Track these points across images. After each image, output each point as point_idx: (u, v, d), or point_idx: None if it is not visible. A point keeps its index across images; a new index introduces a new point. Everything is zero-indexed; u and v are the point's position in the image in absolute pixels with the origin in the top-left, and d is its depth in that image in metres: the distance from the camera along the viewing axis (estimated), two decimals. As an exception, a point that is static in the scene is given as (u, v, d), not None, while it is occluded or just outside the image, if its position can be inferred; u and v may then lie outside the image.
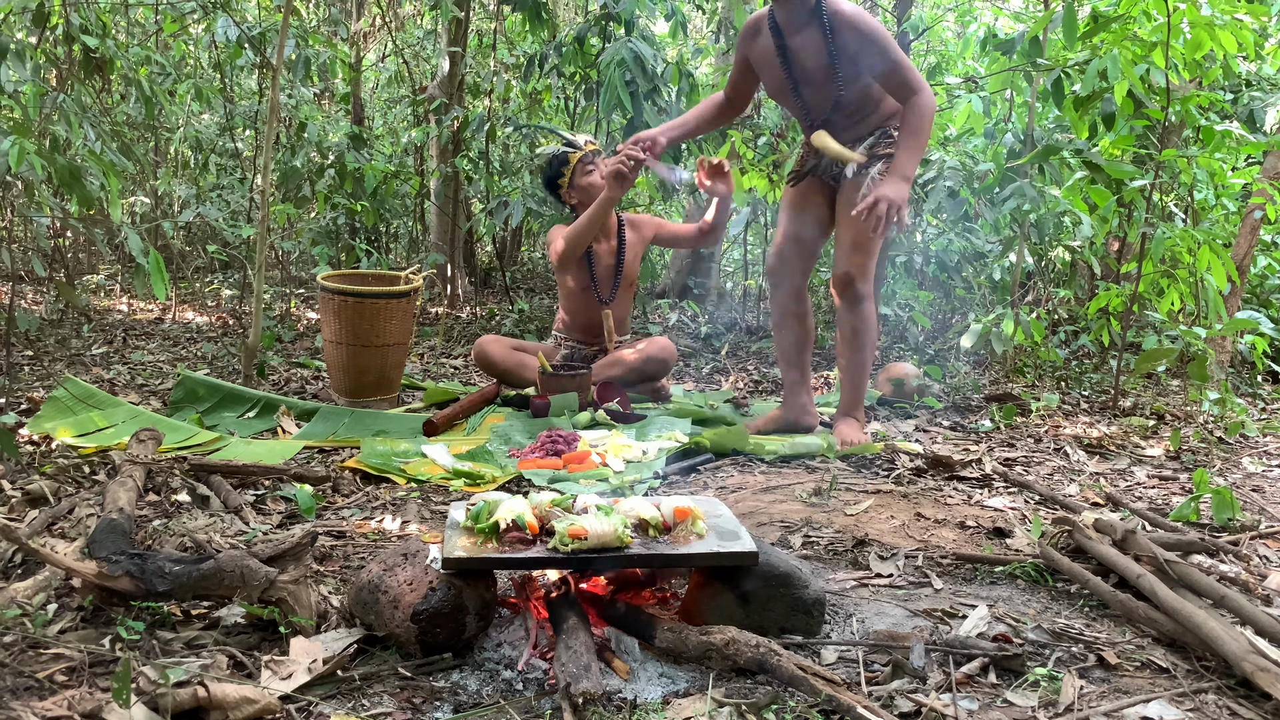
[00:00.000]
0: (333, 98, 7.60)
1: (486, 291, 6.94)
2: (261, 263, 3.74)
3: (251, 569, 1.62)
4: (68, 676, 1.44)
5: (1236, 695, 1.51)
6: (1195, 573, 1.86)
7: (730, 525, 1.78)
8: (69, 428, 2.92)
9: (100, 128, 4.14)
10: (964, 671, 1.55)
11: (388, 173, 5.76)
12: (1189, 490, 2.80)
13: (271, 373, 4.13)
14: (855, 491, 2.65)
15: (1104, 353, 5.03)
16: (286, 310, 5.71)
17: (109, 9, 5.34)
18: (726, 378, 4.65)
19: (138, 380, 3.86)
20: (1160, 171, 4.18)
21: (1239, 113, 5.05)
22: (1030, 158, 3.87)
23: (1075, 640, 1.70)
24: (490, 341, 3.91)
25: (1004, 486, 2.77)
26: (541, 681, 1.52)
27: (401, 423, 3.28)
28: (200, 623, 1.66)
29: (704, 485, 2.75)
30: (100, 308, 5.57)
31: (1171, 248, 4.04)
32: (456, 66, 5.92)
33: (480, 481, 2.68)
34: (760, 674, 1.52)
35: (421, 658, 1.56)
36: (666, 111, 4.98)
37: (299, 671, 1.46)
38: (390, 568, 1.64)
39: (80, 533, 2.02)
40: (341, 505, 2.45)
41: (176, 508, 2.28)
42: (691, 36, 8.42)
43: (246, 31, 4.77)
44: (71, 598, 1.68)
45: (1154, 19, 3.83)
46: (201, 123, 6.78)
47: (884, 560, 2.11)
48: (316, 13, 7.46)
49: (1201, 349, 3.56)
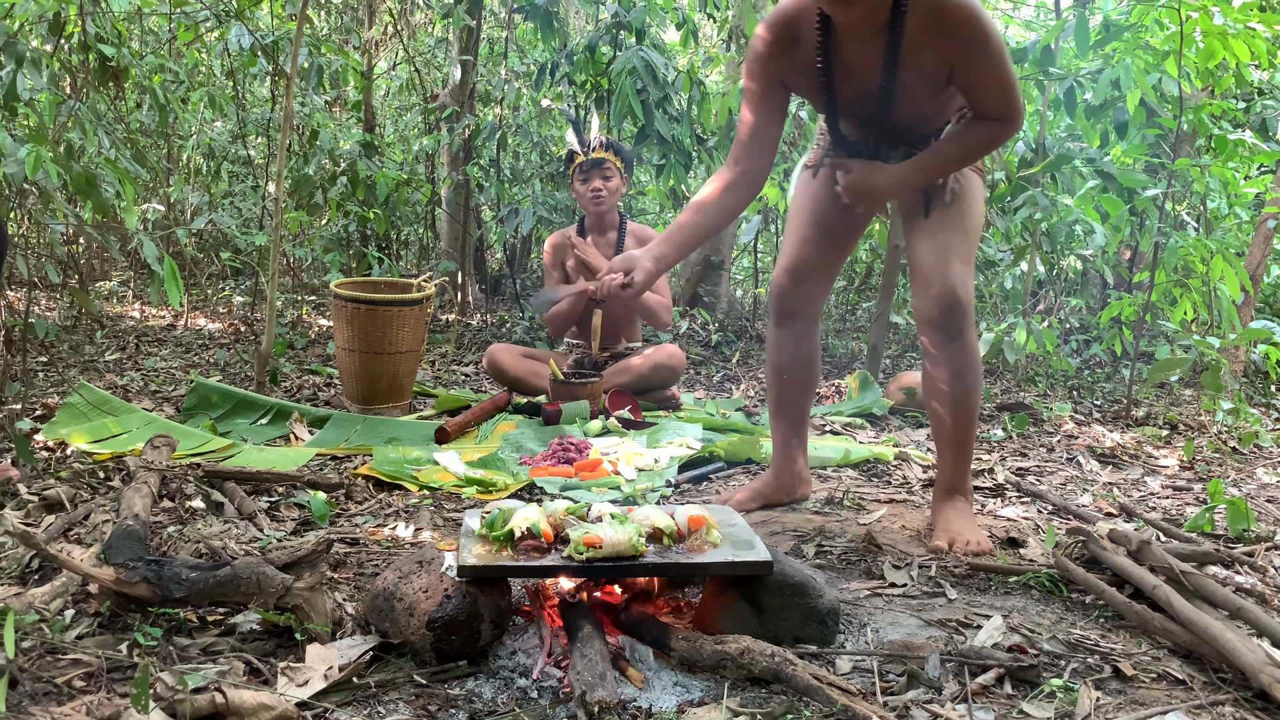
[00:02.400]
0: (344, 105, 7.63)
1: (497, 299, 6.95)
2: (274, 270, 3.75)
3: (267, 575, 1.63)
4: (86, 682, 1.45)
5: (1254, 707, 1.50)
6: (1211, 584, 1.85)
7: (744, 534, 1.78)
8: (84, 434, 2.93)
9: (115, 135, 4.16)
10: (979, 682, 1.54)
11: (399, 180, 5.78)
12: (1203, 501, 2.79)
13: (284, 379, 4.15)
14: (868, 500, 2.64)
15: (1116, 362, 5.01)
16: (299, 317, 5.73)
17: (125, 18, 5.38)
18: (737, 386, 4.65)
19: (151, 386, 3.88)
20: (1173, 180, 4.17)
21: (1252, 121, 5.04)
22: (1042, 167, 3.87)
23: (1091, 651, 1.69)
24: (501, 349, 3.92)
25: (1017, 496, 2.76)
26: (556, 690, 1.52)
27: (414, 430, 3.29)
28: (216, 629, 1.67)
29: (716, 493, 2.75)
30: (113, 314, 5.60)
31: (1184, 257, 4.03)
32: (468, 74, 5.95)
33: (492, 489, 2.68)
34: (775, 683, 1.51)
35: (437, 665, 1.56)
36: (678, 120, 4.99)
37: (315, 678, 1.47)
38: (405, 575, 1.64)
39: (96, 538, 2.03)
40: (354, 512, 2.45)
41: (191, 514, 2.29)
42: (702, 44, 8.44)
43: (260, 40, 4.80)
44: (89, 603, 1.69)
45: (1166, 28, 3.83)
46: (214, 130, 6.82)
47: (898, 569, 2.10)
48: (329, 21, 7.50)
49: (1215, 359, 3.55)
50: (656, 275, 2.25)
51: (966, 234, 2.26)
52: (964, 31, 2.03)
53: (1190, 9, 3.62)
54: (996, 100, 2.11)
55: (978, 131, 2.16)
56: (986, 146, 2.19)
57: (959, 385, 2.26)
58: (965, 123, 2.18)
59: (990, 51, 2.05)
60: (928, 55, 2.08)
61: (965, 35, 2.03)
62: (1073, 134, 4.48)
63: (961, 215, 2.28)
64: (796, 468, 2.59)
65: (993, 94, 2.10)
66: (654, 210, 8.00)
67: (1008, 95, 2.10)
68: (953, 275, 2.21)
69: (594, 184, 3.86)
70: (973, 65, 2.07)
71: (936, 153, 2.20)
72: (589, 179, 3.87)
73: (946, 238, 2.25)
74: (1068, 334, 5.56)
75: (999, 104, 2.11)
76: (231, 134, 6.51)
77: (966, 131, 2.17)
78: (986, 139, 2.17)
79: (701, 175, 6.03)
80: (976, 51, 2.05)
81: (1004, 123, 2.14)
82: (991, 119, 2.14)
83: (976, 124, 2.16)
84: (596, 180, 3.86)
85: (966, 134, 2.17)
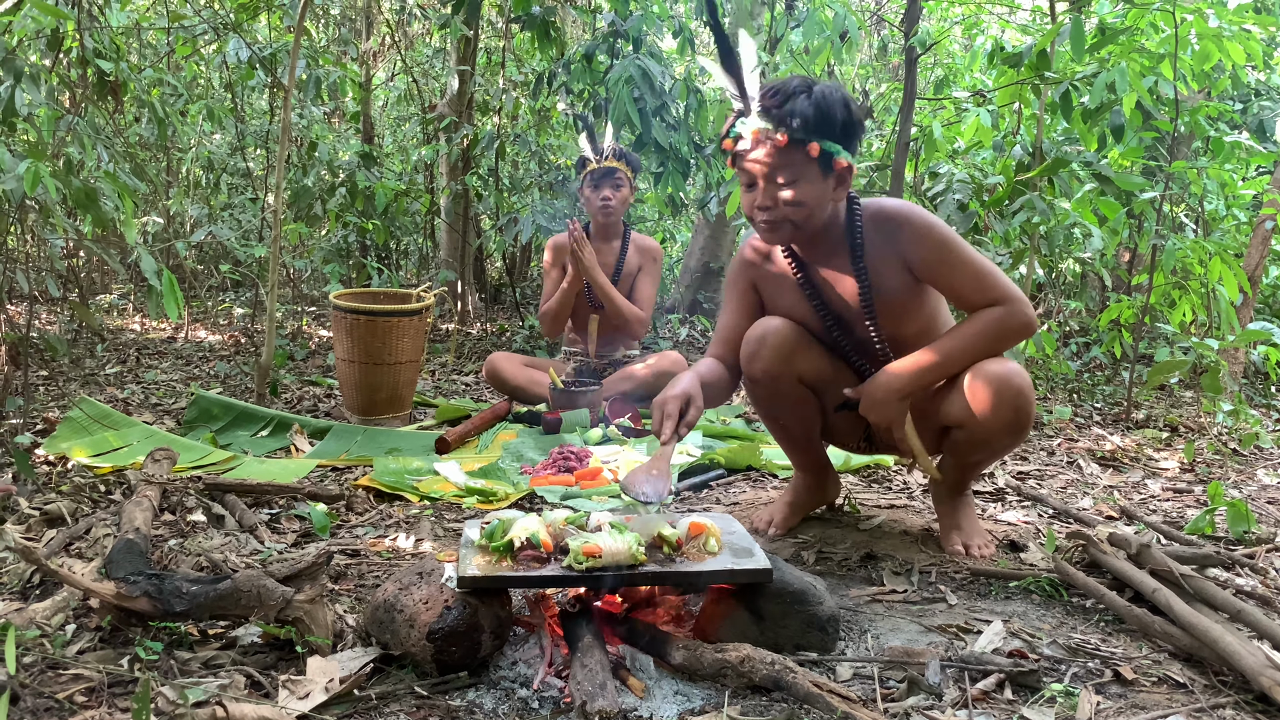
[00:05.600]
0: (343, 116, 7.65)
1: (497, 308, 6.96)
2: (274, 281, 3.76)
3: (268, 588, 1.63)
4: (87, 697, 1.45)
5: (1254, 710, 1.50)
6: (1211, 586, 1.86)
7: (744, 542, 1.79)
8: (84, 448, 2.94)
9: (114, 149, 4.18)
10: (980, 688, 1.54)
11: (398, 191, 5.80)
12: (1204, 503, 2.79)
13: (284, 391, 4.15)
14: (869, 506, 2.64)
15: (1116, 365, 5.01)
16: (298, 328, 5.74)
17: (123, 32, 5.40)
18: (737, 393, 4.65)
19: (151, 400, 3.89)
20: (1170, 183, 4.18)
21: (1248, 123, 5.05)
22: (1039, 170, 3.87)
23: (1091, 655, 1.69)
24: (501, 358, 3.92)
25: (1017, 500, 2.76)
26: (557, 700, 1.52)
27: (414, 440, 3.29)
28: (217, 643, 1.67)
29: (716, 501, 2.75)
30: (113, 327, 5.61)
31: (1182, 259, 4.03)
32: (465, 84, 5.96)
33: (493, 499, 2.69)
34: (776, 691, 1.52)
35: (437, 676, 1.56)
36: (675, 128, 5.00)
37: (316, 691, 1.47)
38: (406, 586, 1.64)
39: (97, 553, 2.04)
40: (355, 524, 2.45)
41: (192, 527, 2.29)
42: (699, 52, 8.46)
43: (258, 52, 4.82)
44: (90, 618, 1.69)
45: (1161, 31, 3.84)
46: (213, 143, 6.83)
47: (898, 575, 2.10)
48: (326, 32, 7.53)
49: (1214, 361, 3.55)
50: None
51: (968, 262, 2.09)
52: (906, 230, 2.07)
53: (1185, 12, 3.63)
54: (972, 288, 2.06)
55: (981, 320, 2.06)
56: (998, 335, 2.06)
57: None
58: (967, 317, 2.11)
59: (934, 241, 2.05)
60: (889, 263, 2.10)
61: (908, 233, 2.07)
62: (1070, 137, 4.49)
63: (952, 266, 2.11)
64: (832, 477, 2.52)
65: (965, 284, 2.06)
66: (653, 218, 8.01)
67: (983, 281, 2.05)
68: (989, 296, 2.08)
69: (604, 192, 3.87)
70: (925, 259, 2.07)
71: (946, 344, 2.08)
72: (600, 187, 3.88)
73: (953, 272, 2.10)
74: (1067, 337, 5.56)
75: (977, 292, 2.06)
76: (230, 146, 6.53)
77: (970, 321, 2.08)
78: (993, 327, 2.05)
79: (699, 183, 6.03)
80: (920, 245, 2.06)
81: (1002, 306, 2.05)
82: (984, 307, 2.07)
83: (977, 314, 2.08)
84: (607, 189, 3.88)
85: (971, 323, 2.08)
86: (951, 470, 2.29)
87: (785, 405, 2.30)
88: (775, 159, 1.99)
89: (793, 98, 1.97)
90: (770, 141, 1.99)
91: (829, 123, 1.97)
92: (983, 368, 2.07)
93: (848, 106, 2.01)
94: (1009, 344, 2.11)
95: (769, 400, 2.30)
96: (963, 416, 2.11)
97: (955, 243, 2.07)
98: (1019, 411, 2.06)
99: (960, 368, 2.09)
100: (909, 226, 2.07)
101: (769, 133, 1.98)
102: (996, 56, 4.29)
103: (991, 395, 2.05)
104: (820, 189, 2.03)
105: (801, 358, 2.23)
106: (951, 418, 2.15)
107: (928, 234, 2.06)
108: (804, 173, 2.00)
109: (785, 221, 2.04)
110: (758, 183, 2.04)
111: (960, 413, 2.11)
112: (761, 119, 1.99)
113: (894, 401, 2.11)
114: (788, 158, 1.99)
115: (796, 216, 2.03)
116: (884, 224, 2.09)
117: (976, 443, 2.15)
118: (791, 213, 2.03)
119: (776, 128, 1.97)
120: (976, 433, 2.11)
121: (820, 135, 1.97)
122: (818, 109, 1.96)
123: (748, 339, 2.24)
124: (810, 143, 1.97)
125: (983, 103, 4.49)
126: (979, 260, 2.06)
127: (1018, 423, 2.08)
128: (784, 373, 2.22)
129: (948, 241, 2.06)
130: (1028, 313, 2.06)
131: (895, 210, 2.10)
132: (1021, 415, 2.07)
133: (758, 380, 2.25)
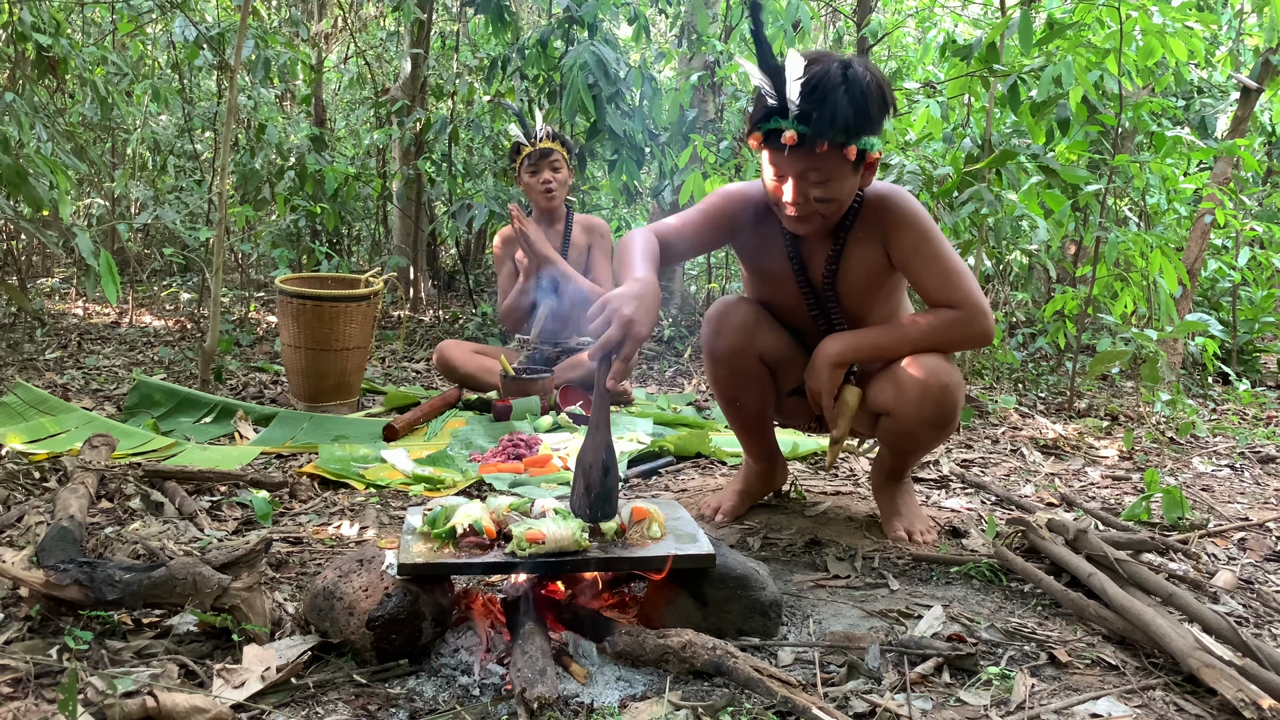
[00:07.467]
0: (294, 99, 7.53)
1: (449, 295, 6.90)
2: (219, 266, 3.69)
3: (204, 576, 1.60)
4: (13, 688, 1.41)
5: (1183, 691, 1.54)
6: (1145, 571, 1.90)
7: (688, 528, 1.79)
8: (19, 434, 2.87)
9: (53, 128, 4.07)
10: (918, 671, 1.56)
11: (349, 175, 5.72)
12: (1141, 490, 2.85)
13: (229, 377, 4.09)
14: (814, 493, 2.66)
15: (1060, 355, 5.10)
16: (245, 314, 5.64)
17: (62, 7, 5.25)
18: (689, 380, 4.66)
19: (92, 385, 3.80)
20: (1114, 176, 4.25)
21: (1190, 119, 5.16)
22: (987, 162, 3.91)
23: (1028, 639, 1.72)
24: (452, 345, 3.89)
25: (961, 487, 2.80)
26: (498, 687, 1.51)
27: (361, 428, 3.25)
28: (151, 631, 1.63)
29: (665, 488, 2.76)
30: (55, 311, 5.48)
31: (1125, 251, 4.11)
32: (419, 68, 5.89)
33: (441, 486, 2.67)
34: (717, 676, 1.52)
35: (377, 664, 1.55)
36: (630, 115, 4.99)
37: (252, 679, 1.45)
38: (345, 574, 1.62)
39: (30, 541, 1.99)
40: (299, 511, 2.42)
41: (130, 515, 2.25)
42: (655, 40, 8.44)
43: (205, 32, 4.72)
44: (19, 607, 1.65)
45: (1107, 26, 3.90)
46: (159, 124, 6.69)
47: (841, 561, 2.12)
48: (277, 14, 7.39)
49: (1154, 351, 3.63)
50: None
51: (942, 258, 2.10)
52: (893, 212, 2.08)
53: (1130, 8, 3.69)
54: (938, 284, 2.07)
55: (937, 315, 2.08)
56: (948, 335, 2.08)
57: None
58: (923, 310, 2.14)
59: (915, 228, 2.07)
60: (868, 242, 2.12)
61: (893, 216, 2.08)
62: (1018, 130, 4.54)
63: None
64: (781, 464, 2.54)
65: (932, 279, 2.07)
66: (608, 205, 7.99)
67: (950, 280, 2.06)
68: (954, 298, 2.10)
69: (544, 175, 3.84)
70: (901, 244, 2.09)
71: (895, 328, 2.13)
72: (538, 170, 3.85)
73: (923, 266, 2.12)
74: (1014, 327, 5.65)
75: (942, 290, 2.07)
76: (177, 128, 6.39)
77: (927, 313, 2.11)
78: (946, 325, 2.07)
79: (654, 171, 6.03)
80: (900, 229, 2.08)
81: (960, 311, 2.06)
82: (943, 306, 2.08)
83: (933, 310, 2.10)
84: (546, 172, 3.85)
85: (926, 315, 2.11)
86: (886, 458, 2.31)
87: (745, 384, 2.29)
88: (810, 161, 1.94)
89: (830, 95, 1.87)
90: (808, 148, 1.91)
91: (866, 119, 1.91)
92: (916, 359, 2.08)
93: (882, 92, 1.95)
94: (959, 346, 2.13)
95: (729, 379, 2.29)
96: (889, 404, 2.13)
97: (936, 237, 2.08)
98: (942, 407, 2.07)
99: (900, 355, 2.10)
100: (895, 209, 2.09)
101: (808, 139, 1.90)
102: (948, 49, 4.33)
103: (918, 387, 2.06)
104: (851, 183, 2.00)
105: (763, 336, 2.24)
106: (879, 403, 2.17)
107: (912, 221, 2.08)
108: (838, 172, 1.95)
109: (815, 215, 2.02)
110: (788, 178, 1.99)
111: (887, 400, 2.13)
112: (800, 124, 1.90)
113: (827, 368, 2.13)
114: (823, 160, 1.93)
115: (827, 211, 2.02)
116: (877, 205, 2.10)
117: (901, 433, 2.17)
118: (823, 208, 2.01)
119: (815, 137, 1.89)
120: (901, 422, 2.13)
121: (857, 136, 1.91)
122: (856, 108, 1.88)
123: (709, 317, 2.25)
124: (849, 146, 1.91)
125: (933, 95, 4.53)
126: (954, 261, 2.07)
127: (941, 418, 2.09)
128: (746, 349, 2.23)
129: (928, 233, 2.08)
130: (985, 324, 2.07)
131: (888, 192, 2.10)
132: (945, 411, 2.08)
133: (720, 358, 2.25)
